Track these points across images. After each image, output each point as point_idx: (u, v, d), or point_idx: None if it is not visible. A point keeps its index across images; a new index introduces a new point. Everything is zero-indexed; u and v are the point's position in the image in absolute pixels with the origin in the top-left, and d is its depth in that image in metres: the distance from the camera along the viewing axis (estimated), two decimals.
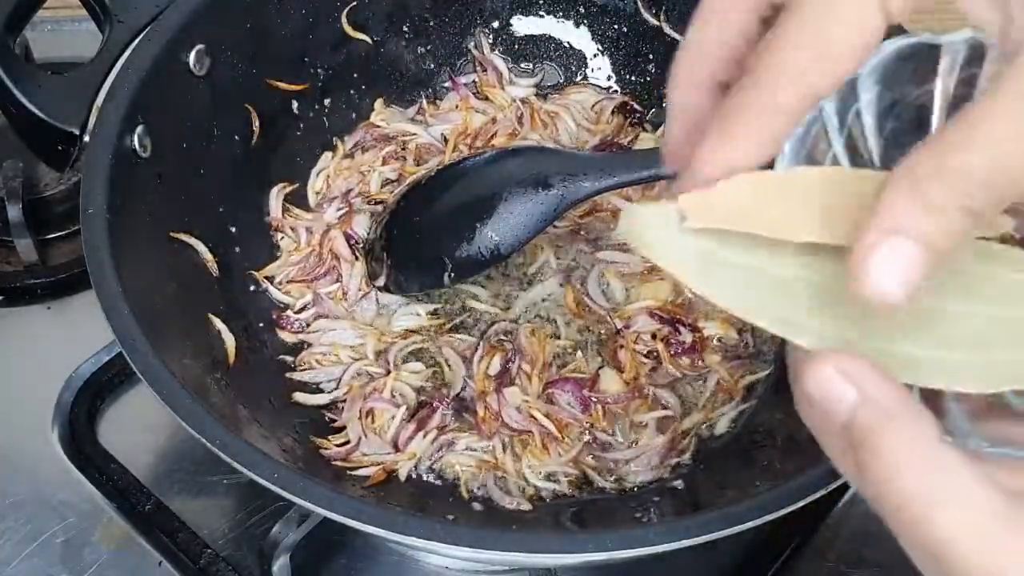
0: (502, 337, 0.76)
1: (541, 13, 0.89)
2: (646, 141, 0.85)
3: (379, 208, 0.80)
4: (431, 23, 0.87)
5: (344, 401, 0.73)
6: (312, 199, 0.83)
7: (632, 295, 0.78)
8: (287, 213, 0.81)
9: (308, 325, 0.77)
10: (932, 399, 0.34)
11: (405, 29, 0.86)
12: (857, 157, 0.35)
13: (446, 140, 0.85)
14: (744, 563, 0.71)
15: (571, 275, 0.79)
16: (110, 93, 0.67)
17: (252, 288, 0.77)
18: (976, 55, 0.34)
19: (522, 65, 0.90)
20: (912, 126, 0.35)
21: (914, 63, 0.34)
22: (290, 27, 0.79)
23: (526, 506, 0.69)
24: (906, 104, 0.35)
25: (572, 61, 0.89)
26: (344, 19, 0.82)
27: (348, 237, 0.79)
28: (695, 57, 0.38)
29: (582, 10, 0.88)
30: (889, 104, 0.35)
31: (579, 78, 0.89)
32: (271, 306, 0.77)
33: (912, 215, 0.30)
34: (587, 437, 0.72)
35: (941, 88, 0.34)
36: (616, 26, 0.87)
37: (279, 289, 0.78)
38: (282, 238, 0.80)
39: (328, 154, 0.84)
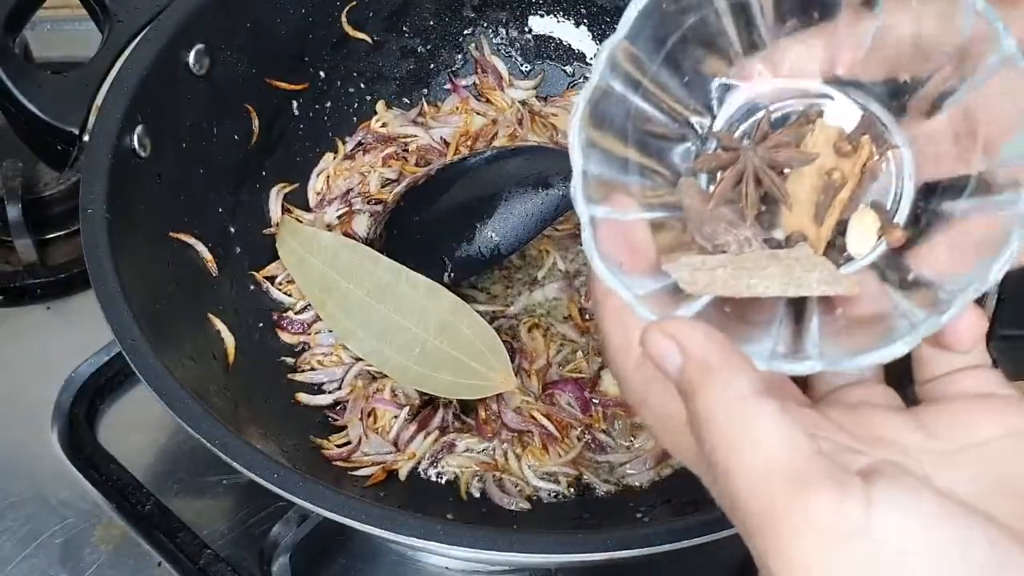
0: (503, 336, 0.75)
1: (541, 13, 0.89)
2: None
3: (379, 208, 0.80)
4: (431, 23, 0.87)
5: (346, 401, 0.73)
6: (312, 199, 0.83)
7: None
8: (287, 213, 0.80)
9: (309, 326, 0.76)
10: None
11: (405, 29, 0.86)
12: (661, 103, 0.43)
13: (447, 143, 0.85)
14: (745, 563, 0.71)
15: (574, 281, 0.78)
16: (110, 93, 0.67)
17: (252, 288, 0.77)
18: None
19: (522, 66, 0.90)
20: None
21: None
22: (290, 27, 0.79)
23: (525, 506, 0.69)
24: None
25: (572, 61, 0.89)
26: (344, 19, 0.82)
27: (348, 237, 0.79)
28: None
29: (582, 10, 0.88)
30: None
31: (579, 78, 0.89)
32: (271, 306, 0.77)
33: None
34: (587, 437, 0.72)
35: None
36: (616, 26, 0.87)
37: (279, 289, 0.77)
38: None
39: (329, 155, 0.84)
